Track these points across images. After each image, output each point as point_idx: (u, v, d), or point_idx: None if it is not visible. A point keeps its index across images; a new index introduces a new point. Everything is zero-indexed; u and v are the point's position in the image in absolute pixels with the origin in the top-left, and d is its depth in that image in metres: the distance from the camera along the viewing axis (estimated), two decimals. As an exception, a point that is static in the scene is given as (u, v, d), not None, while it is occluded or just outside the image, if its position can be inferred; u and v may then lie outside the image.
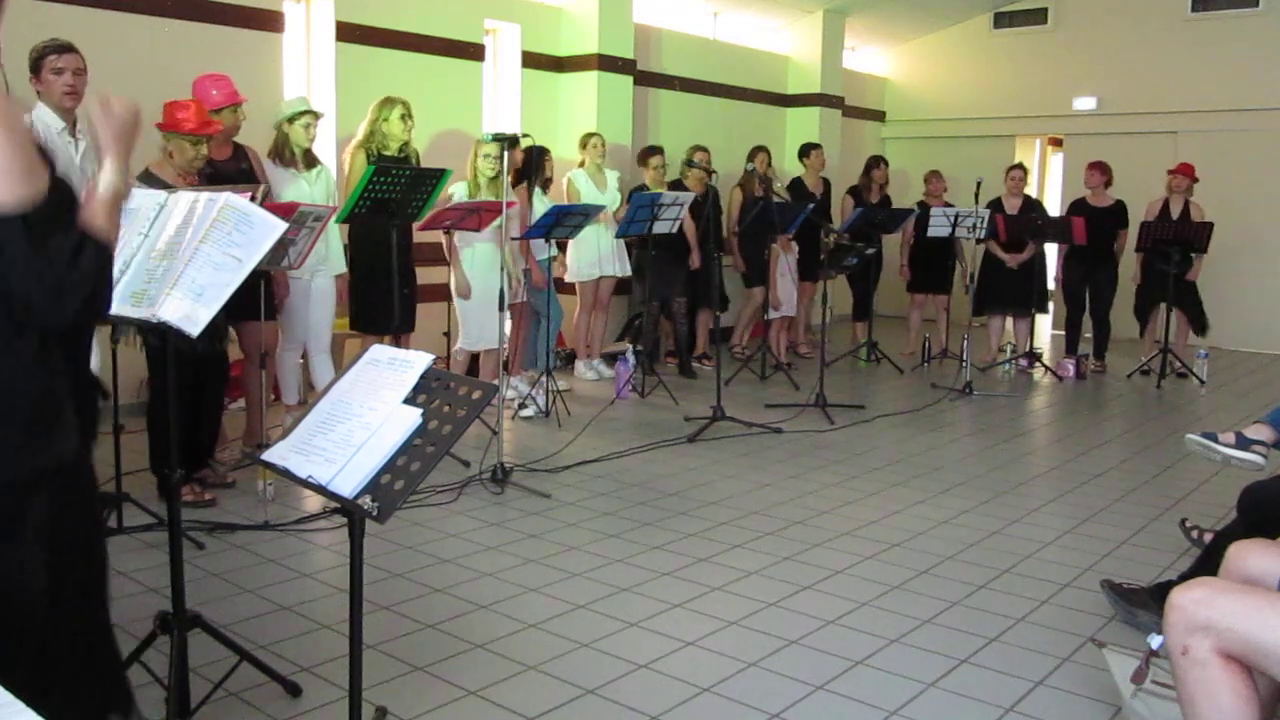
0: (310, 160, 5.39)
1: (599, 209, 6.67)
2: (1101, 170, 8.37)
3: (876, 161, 9.08)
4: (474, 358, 6.41)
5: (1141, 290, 8.41)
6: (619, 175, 7.77)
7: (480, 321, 6.10)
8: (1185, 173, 8.22)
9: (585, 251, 7.39)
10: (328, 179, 5.49)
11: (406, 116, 5.72)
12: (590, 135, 7.59)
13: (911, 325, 9.25)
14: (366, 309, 5.68)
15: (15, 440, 1.62)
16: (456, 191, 6.09)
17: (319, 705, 2.74)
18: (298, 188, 5.24)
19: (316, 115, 5.38)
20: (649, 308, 7.69)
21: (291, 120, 5.27)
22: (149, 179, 4.27)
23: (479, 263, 6.14)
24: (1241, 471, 3.26)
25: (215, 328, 4.20)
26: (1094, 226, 8.05)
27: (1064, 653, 3.18)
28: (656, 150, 7.94)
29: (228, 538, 4.05)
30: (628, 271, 7.71)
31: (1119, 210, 8.30)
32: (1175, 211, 8.20)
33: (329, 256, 5.42)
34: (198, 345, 2.51)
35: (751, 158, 8.28)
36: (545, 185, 7.05)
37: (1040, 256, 8.53)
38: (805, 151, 8.98)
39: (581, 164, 7.54)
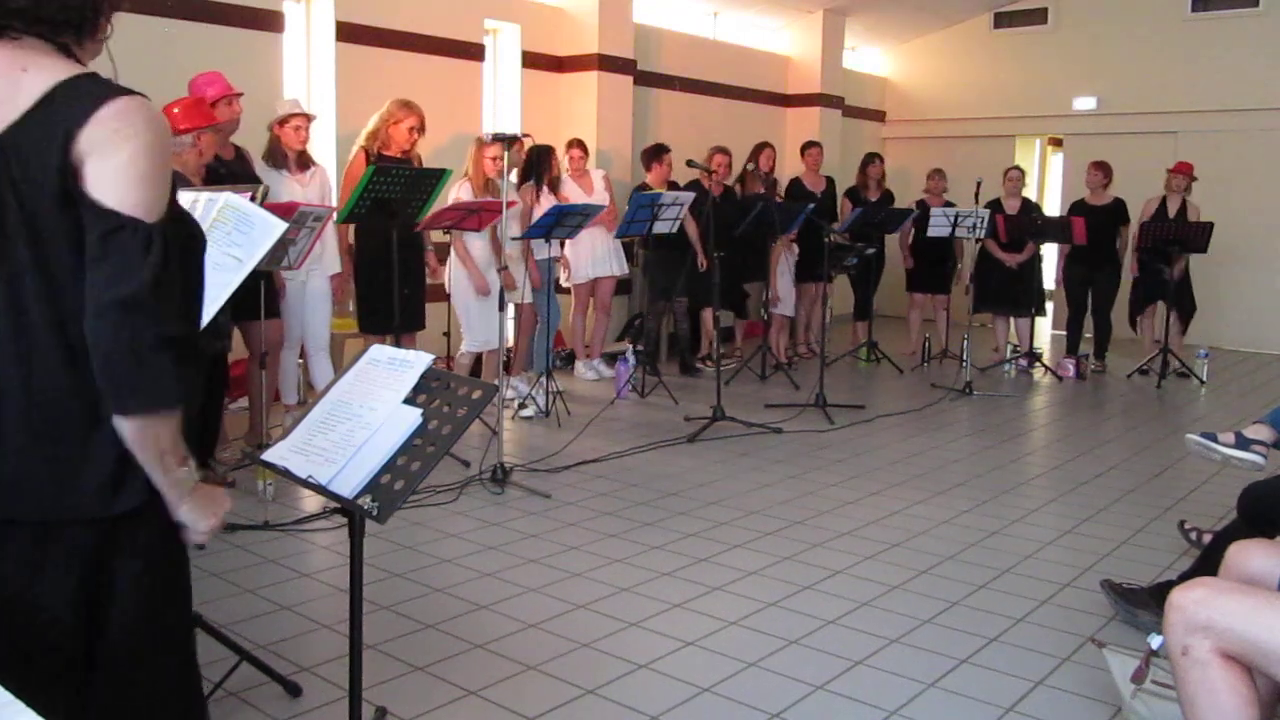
0: (304, 162, 5.38)
1: (599, 209, 6.67)
2: (1104, 171, 8.37)
3: (871, 158, 9.05)
4: (478, 359, 6.41)
5: (1137, 286, 8.42)
6: (603, 174, 7.69)
7: (485, 322, 6.10)
8: (1184, 171, 8.23)
9: (581, 252, 7.38)
10: (323, 180, 5.49)
11: (415, 130, 5.69)
12: (573, 142, 7.48)
13: (911, 325, 9.24)
14: (368, 309, 5.68)
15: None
16: (461, 193, 6.10)
17: (319, 705, 2.74)
18: (290, 190, 5.23)
19: (308, 118, 5.38)
20: (655, 306, 7.66)
21: (283, 123, 5.28)
22: None
23: (476, 261, 6.17)
24: (1241, 471, 3.26)
25: (218, 326, 4.21)
26: (1094, 225, 8.05)
27: (1064, 653, 3.18)
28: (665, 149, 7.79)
29: (228, 538, 4.04)
30: (625, 271, 7.69)
31: (1118, 208, 8.31)
32: (1172, 210, 8.21)
33: (324, 256, 5.42)
34: (200, 343, 2.49)
35: (755, 155, 8.26)
36: (554, 184, 7.04)
37: (1036, 258, 8.53)
38: (807, 148, 8.96)
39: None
